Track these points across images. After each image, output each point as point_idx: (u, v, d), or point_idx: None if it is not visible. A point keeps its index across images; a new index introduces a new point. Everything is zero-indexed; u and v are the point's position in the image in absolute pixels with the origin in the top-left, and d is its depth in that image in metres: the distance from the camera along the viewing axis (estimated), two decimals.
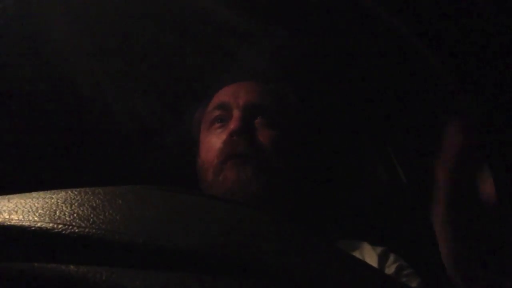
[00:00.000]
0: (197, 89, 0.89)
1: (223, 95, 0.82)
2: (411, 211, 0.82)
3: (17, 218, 0.33)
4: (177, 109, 0.87)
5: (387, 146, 0.91)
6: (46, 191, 0.40)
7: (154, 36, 0.83)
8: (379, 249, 0.70)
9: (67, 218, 0.34)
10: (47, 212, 0.35)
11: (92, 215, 0.35)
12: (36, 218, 0.34)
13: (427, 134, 0.81)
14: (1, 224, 0.33)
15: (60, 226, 0.33)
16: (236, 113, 0.76)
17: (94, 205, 0.37)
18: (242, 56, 0.86)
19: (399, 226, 0.81)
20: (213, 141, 0.76)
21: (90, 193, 0.40)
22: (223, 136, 0.75)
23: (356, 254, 0.67)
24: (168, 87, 0.87)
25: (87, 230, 0.33)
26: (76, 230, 0.33)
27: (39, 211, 0.35)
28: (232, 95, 0.80)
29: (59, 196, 0.38)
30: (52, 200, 0.37)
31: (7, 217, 0.33)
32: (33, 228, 0.32)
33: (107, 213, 0.36)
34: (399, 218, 0.82)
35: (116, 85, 0.81)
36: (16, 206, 0.36)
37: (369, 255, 0.68)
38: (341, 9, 0.78)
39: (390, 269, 0.66)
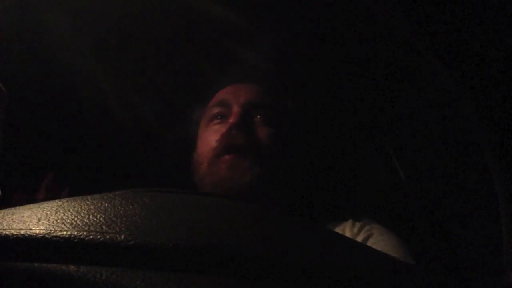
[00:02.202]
0: (197, 89, 0.90)
1: (224, 93, 0.84)
2: (409, 209, 0.81)
3: (1, 228, 0.34)
4: (177, 109, 0.88)
5: (387, 145, 0.90)
6: (35, 204, 0.41)
7: (154, 36, 0.84)
8: (360, 223, 0.70)
9: (50, 223, 0.35)
10: (32, 220, 0.35)
11: (76, 219, 0.36)
12: (20, 226, 0.34)
13: (427, 133, 0.80)
14: None
15: (42, 231, 0.33)
16: (236, 109, 0.78)
17: (79, 210, 0.38)
18: (242, 56, 0.87)
19: (398, 224, 0.80)
20: (212, 135, 0.77)
21: (77, 200, 0.40)
22: (222, 130, 0.76)
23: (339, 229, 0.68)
24: (168, 87, 0.88)
25: (69, 233, 0.33)
26: (58, 234, 0.33)
27: (24, 219, 0.35)
28: (233, 94, 0.82)
29: (46, 205, 0.39)
30: (38, 210, 0.38)
31: None
32: (15, 235, 0.33)
33: (91, 216, 0.36)
34: (398, 216, 0.82)
35: (116, 84, 0.82)
36: (2, 218, 0.37)
37: (349, 229, 0.68)
38: (340, 9, 0.78)
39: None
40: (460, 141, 0.67)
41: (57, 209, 0.38)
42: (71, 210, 0.38)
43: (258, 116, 0.79)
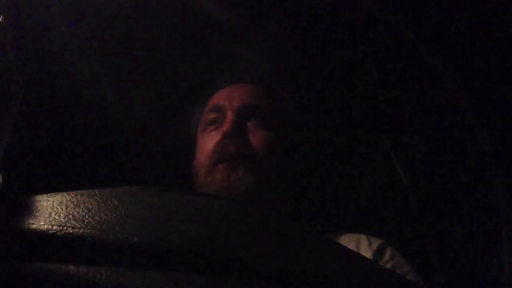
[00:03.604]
0: (196, 89, 0.89)
1: (218, 98, 0.82)
2: (408, 208, 0.82)
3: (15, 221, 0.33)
4: (177, 109, 0.87)
5: (387, 146, 0.91)
6: (42, 195, 0.40)
7: (154, 36, 0.83)
8: (376, 244, 0.69)
9: (61, 219, 0.34)
10: (42, 214, 0.35)
11: (87, 216, 0.35)
12: (31, 221, 0.34)
13: (427, 133, 0.81)
14: None
15: (54, 227, 0.33)
16: (229, 115, 0.76)
17: (90, 206, 0.37)
18: (241, 57, 0.86)
19: (396, 222, 0.81)
20: (207, 143, 0.76)
21: (86, 195, 0.40)
22: (216, 138, 0.75)
23: (352, 247, 0.67)
24: (168, 87, 0.87)
25: (81, 230, 0.33)
26: (71, 231, 0.33)
27: (34, 213, 0.35)
28: (226, 98, 0.80)
29: (54, 198, 0.38)
30: (48, 203, 0.37)
31: None
32: (27, 230, 0.32)
33: (102, 214, 0.36)
34: (396, 215, 0.82)
35: (116, 85, 0.81)
36: (15, 210, 0.36)
37: (365, 250, 0.67)
38: (340, 10, 0.78)
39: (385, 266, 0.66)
40: (461, 142, 0.67)
41: (66, 203, 0.37)
42: (81, 205, 0.37)
43: (252, 120, 0.76)
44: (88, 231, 0.33)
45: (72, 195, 0.39)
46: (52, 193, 0.40)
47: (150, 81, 0.86)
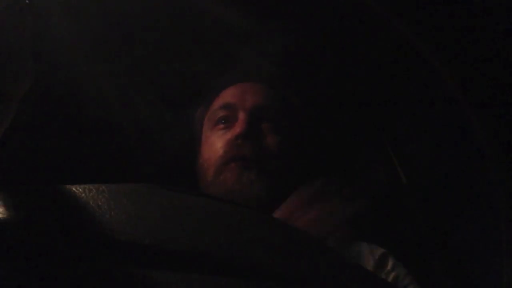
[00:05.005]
0: (198, 89, 0.88)
1: (229, 95, 0.79)
2: (410, 211, 0.83)
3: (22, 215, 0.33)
4: (177, 109, 0.86)
5: (387, 146, 0.91)
6: (48, 186, 0.40)
7: (155, 36, 0.82)
8: (378, 253, 0.69)
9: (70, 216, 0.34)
10: (52, 209, 0.35)
11: (97, 214, 0.35)
12: (34, 217, 0.33)
13: (428, 133, 0.81)
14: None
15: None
16: (242, 115, 0.74)
17: (100, 203, 0.37)
18: (244, 57, 0.85)
19: (398, 226, 0.81)
20: (217, 142, 0.74)
21: (94, 191, 0.39)
22: (227, 137, 0.73)
23: (353, 254, 0.67)
24: (168, 87, 0.86)
25: (92, 229, 0.33)
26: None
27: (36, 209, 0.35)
28: (238, 96, 0.78)
29: (63, 192, 0.38)
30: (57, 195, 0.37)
31: None
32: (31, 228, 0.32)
33: (112, 213, 0.36)
34: (398, 218, 0.83)
35: (117, 85, 0.80)
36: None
37: (366, 258, 0.68)
38: (343, 10, 0.78)
39: (387, 278, 0.66)
40: (461, 142, 0.67)
41: (76, 199, 0.37)
42: (90, 202, 0.37)
43: (266, 123, 0.75)
44: (100, 229, 0.33)
45: (80, 190, 0.39)
46: (60, 185, 0.40)
47: (151, 80, 0.85)
